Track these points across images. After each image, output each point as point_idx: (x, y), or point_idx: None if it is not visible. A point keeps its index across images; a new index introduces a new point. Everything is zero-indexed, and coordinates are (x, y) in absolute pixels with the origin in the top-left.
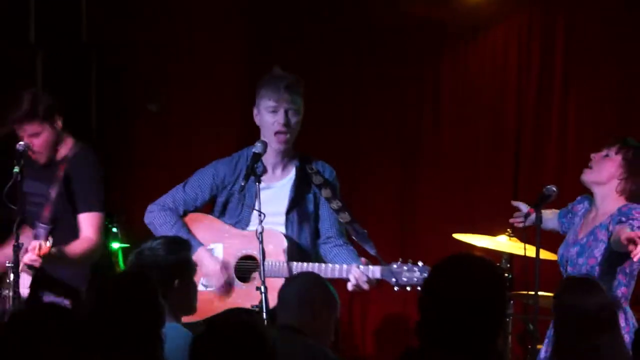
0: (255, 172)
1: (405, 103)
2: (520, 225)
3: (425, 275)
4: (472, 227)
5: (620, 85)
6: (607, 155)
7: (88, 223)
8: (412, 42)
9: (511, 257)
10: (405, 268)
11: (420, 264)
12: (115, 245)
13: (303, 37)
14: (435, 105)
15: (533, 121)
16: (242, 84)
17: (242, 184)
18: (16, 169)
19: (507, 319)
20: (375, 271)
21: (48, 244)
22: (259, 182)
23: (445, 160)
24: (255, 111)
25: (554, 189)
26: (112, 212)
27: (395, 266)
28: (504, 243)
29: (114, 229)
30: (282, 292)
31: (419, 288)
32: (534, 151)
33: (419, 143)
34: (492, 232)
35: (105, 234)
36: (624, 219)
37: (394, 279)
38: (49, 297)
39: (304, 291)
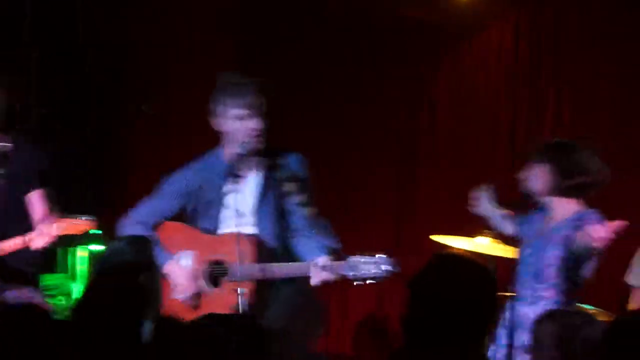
0: (235, 173)
1: (402, 104)
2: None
3: (385, 266)
4: (472, 227)
5: (614, 84)
6: (533, 167)
7: (41, 201)
8: (410, 44)
9: (493, 259)
10: (362, 260)
11: (378, 255)
12: (99, 247)
13: (301, 37)
14: (432, 105)
15: (527, 122)
16: None
17: (222, 184)
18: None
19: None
20: (334, 266)
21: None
22: (239, 183)
23: (442, 160)
24: (216, 120)
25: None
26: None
27: (353, 259)
28: (484, 244)
29: (98, 231)
30: (275, 295)
31: (373, 281)
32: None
33: (416, 143)
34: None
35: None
36: (584, 225)
37: (351, 273)
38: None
39: (298, 300)
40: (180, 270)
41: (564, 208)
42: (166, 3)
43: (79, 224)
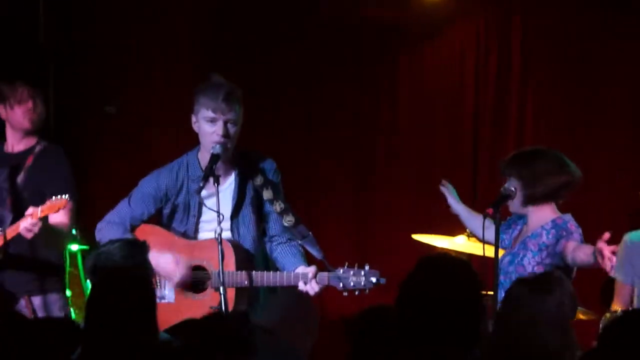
0: (214, 173)
1: (362, 104)
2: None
3: (373, 278)
4: (430, 228)
5: (578, 83)
6: (505, 181)
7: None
8: (370, 43)
9: (470, 257)
10: (351, 272)
11: (366, 267)
12: (74, 247)
13: (259, 40)
14: (392, 106)
15: (491, 121)
16: (196, 84)
17: (200, 185)
18: None
19: None
20: (322, 278)
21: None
22: (218, 183)
23: (402, 161)
24: (193, 118)
25: (512, 188)
26: None
27: (341, 271)
28: (462, 243)
29: (73, 231)
30: (272, 300)
31: (367, 292)
32: (491, 151)
33: (376, 144)
34: (451, 232)
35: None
36: (564, 233)
37: (341, 284)
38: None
39: (291, 310)
40: (164, 256)
41: (538, 215)
42: (128, 5)
43: (56, 202)
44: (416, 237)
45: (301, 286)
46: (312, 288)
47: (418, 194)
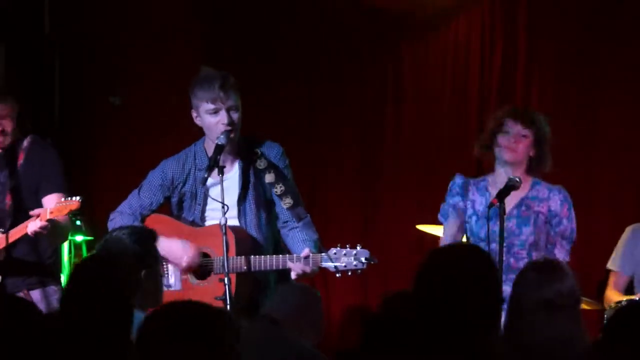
0: (218, 164)
1: (367, 96)
2: None
3: (365, 258)
4: (435, 219)
5: (585, 71)
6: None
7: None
8: (374, 35)
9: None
10: (343, 253)
11: (358, 247)
12: (79, 238)
13: (260, 33)
14: (397, 97)
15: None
16: None
17: (205, 176)
18: None
19: None
20: (315, 259)
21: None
22: (222, 173)
23: (407, 151)
24: (194, 114)
25: (517, 179)
26: None
27: (333, 252)
28: None
29: (78, 222)
30: (279, 293)
31: (359, 272)
32: None
33: (381, 135)
34: None
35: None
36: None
37: (333, 265)
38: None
39: (298, 305)
40: (173, 241)
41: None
42: None
43: (68, 204)
44: (421, 227)
45: (289, 265)
46: (298, 266)
47: (423, 185)
